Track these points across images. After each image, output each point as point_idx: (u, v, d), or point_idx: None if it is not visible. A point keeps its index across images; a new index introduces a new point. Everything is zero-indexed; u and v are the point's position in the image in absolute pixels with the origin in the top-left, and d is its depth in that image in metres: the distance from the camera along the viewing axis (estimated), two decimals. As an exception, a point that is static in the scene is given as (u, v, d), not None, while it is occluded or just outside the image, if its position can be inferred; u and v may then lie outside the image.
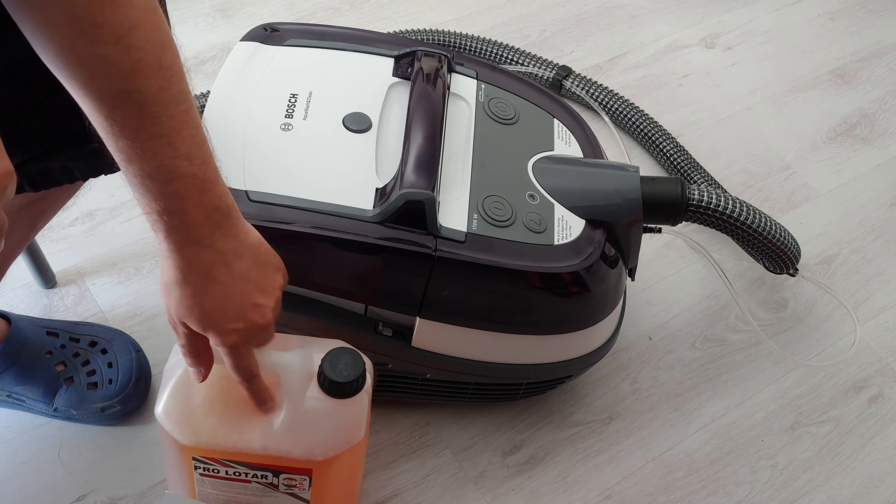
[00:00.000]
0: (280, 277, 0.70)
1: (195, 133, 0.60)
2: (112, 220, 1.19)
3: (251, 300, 0.66)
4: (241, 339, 0.67)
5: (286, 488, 0.79)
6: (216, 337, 0.67)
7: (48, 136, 0.73)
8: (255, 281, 0.67)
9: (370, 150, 0.88)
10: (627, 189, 0.91)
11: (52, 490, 0.94)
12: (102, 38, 0.54)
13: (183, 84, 0.59)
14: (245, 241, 0.66)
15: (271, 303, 0.68)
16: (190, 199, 0.61)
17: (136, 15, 0.55)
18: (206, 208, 0.62)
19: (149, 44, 0.56)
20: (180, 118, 0.59)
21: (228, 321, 0.66)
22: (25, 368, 0.96)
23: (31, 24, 0.54)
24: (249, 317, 0.67)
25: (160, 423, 0.75)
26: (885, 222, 1.34)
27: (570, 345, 0.95)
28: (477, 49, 1.44)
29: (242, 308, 0.66)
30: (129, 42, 0.55)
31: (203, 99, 1.29)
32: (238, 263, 0.65)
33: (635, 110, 1.39)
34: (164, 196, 0.60)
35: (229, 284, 0.65)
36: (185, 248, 0.63)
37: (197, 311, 0.65)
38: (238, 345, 0.67)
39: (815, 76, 1.56)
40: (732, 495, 1.03)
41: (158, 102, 0.57)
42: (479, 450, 1.03)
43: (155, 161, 0.58)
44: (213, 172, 0.62)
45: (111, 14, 0.53)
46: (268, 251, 0.69)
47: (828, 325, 1.20)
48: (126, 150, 0.58)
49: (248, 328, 0.67)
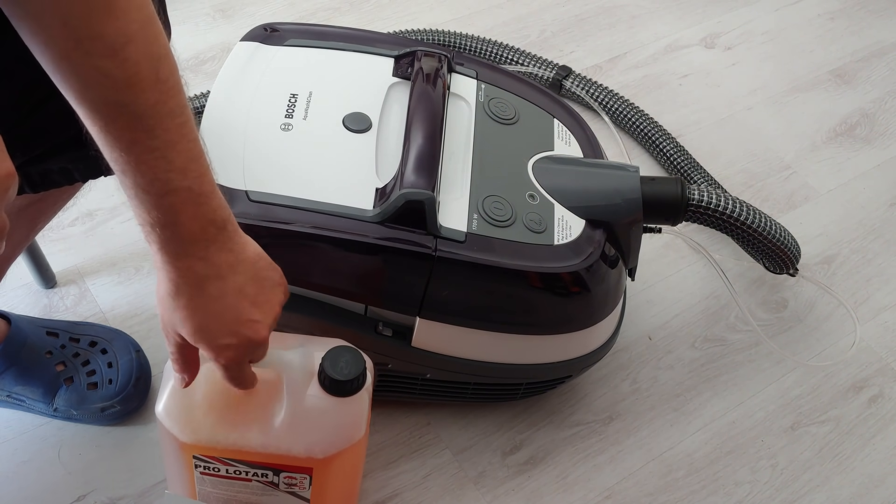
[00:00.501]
0: (280, 293, 0.68)
1: (191, 147, 0.59)
2: (112, 220, 1.19)
3: (245, 315, 0.65)
4: (235, 355, 0.66)
5: (286, 487, 0.79)
6: (209, 352, 0.66)
7: (48, 138, 0.73)
8: (250, 296, 0.65)
9: (370, 150, 0.88)
10: (627, 189, 0.91)
11: (52, 490, 0.94)
12: (98, 51, 0.53)
13: (180, 97, 0.58)
14: (241, 255, 0.65)
15: (268, 319, 0.67)
16: (184, 213, 0.60)
17: (132, 28, 0.54)
18: (201, 222, 0.61)
19: (145, 57, 0.55)
20: (176, 131, 0.58)
21: (221, 336, 0.65)
22: (25, 368, 0.96)
23: (28, 31, 0.53)
24: (243, 332, 0.65)
25: (160, 421, 0.75)
26: (885, 222, 1.34)
27: (570, 345, 0.95)
28: (477, 49, 1.44)
29: (236, 323, 0.65)
30: (126, 55, 0.54)
31: (203, 99, 1.29)
32: (233, 278, 0.64)
33: (635, 110, 1.39)
34: (157, 208, 0.59)
35: (223, 299, 0.64)
36: (178, 260, 0.62)
37: (189, 324, 0.64)
38: (232, 360, 0.66)
39: (815, 76, 1.56)
40: (732, 495, 1.03)
41: (154, 115, 0.56)
42: (479, 450, 1.03)
43: (149, 174, 0.58)
44: (208, 186, 0.61)
45: (107, 26, 0.53)
46: (267, 266, 0.68)
47: (828, 325, 1.20)
48: (121, 162, 0.58)
49: (242, 344, 0.66)
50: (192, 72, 1.41)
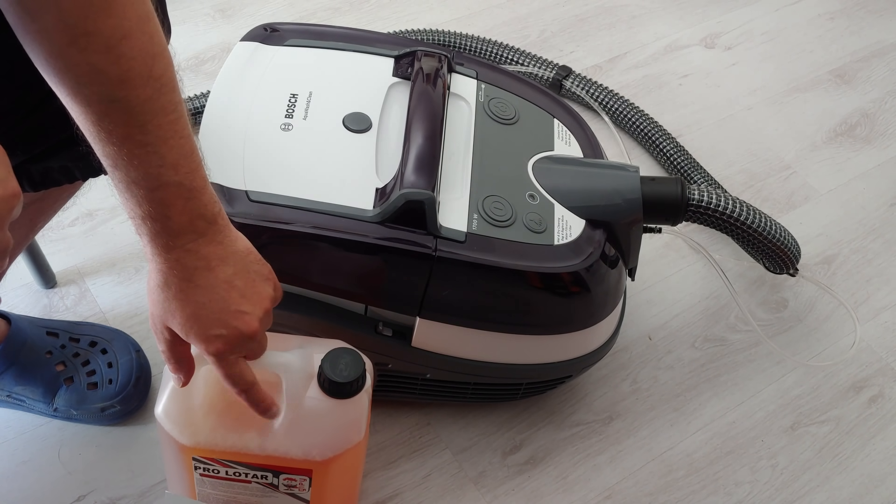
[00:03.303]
0: (270, 288, 0.69)
1: (183, 143, 0.60)
2: (112, 220, 1.19)
3: (234, 306, 0.65)
4: (225, 346, 0.66)
5: (286, 488, 0.79)
6: (199, 343, 0.66)
7: (48, 136, 0.73)
8: (239, 288, 0.66)
9: (370, 150, 0.88)
10: (627, 189, 0.91)
11: (52, 490, 0.94)
12: (93, 47, 0.54)
13: (174, 94, 0.59)
14: (231, 247, 0.65)
15: (258, 311, 0.67)
16: (174, 207, 0.61)
17: (128, 25, 0.55)
18: (190, 215, 0.62)
19: (140, 53, 0.56)
20: (168, 128, 0.59)
21: (210, 326, 0.65)
22: (25, 368, 0.96)
23: (24, 28, 0.54)
24: (232, 324, 0.65)
25: (160, 423, 0.75)
26: (885, 222, 1.34)
27: (570, 345, 0.95)
28: (477, 49, 1.44)
29: (225, 314, 0.65)
30: (120, 51, 0.55)
31: (203, 99, 1.29)
32: (222, 269, 0.65)
33: (635, 110, 1.39)
34: (148, 202, 0.60)
35: (212, 290, 0.64)
36: (168, 252, 0.62)
37: (178, 315, 0.65)
38: (222, 353, 0.66)
39: (815, 76, 1.56)
40: (732, 495, 1.03)
41: (147, 112, 0.57)
42: (479, 450, 1.03)
43: (141, 168, 0.59)
44: (200, 182, 0.62)
45: (103, 23, 0.53)
46: (257, 260, 0.68)
47: (828, 325, 1.20)
48: (113, 157, 0.58)
49: (231, 335, 0.66)
50: (192, 72, 1.41)
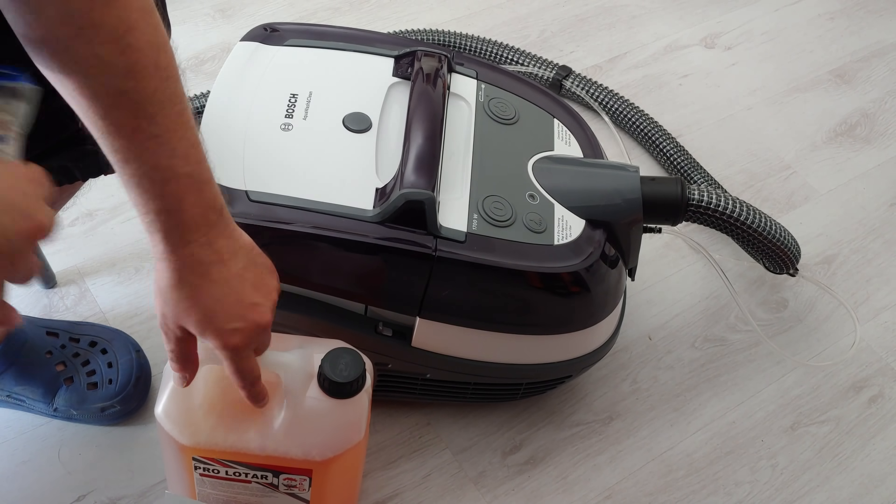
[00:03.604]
0: (274, 280, 0.70)
1: (190, 133, 0.61)
2: (112, 220, 1.19)
3: (249, 299, 0.66)
4: (243, 339, 0.66)
5: (286, 488, 0.79)
6: (217, 339, 0.66)
7: (48, 136, 0.73)
8: (251, 280, 0.67)
9: (370, 150, 0.88)
10: (627, 189, 0.91)
11: (52, 490, 0.94)
12: (100, 38, 0.54)
13: (178, 85, 0.60)
14: (239, 241, 0.67)
15: (268, 302, 0.68)
16: (187, 199, 0.61)
17: (132, 16, 0.55)
18: (203, 207, 0.62)
19: (146, 45, 0.56)
20: (176, 118, 0.59)
21: (229, 320, 0.65)
22: (25, 368, 0.96)
23: (26, 27, 0.54)
24: (249, 316, 0.66)
25: (160, 423, 0.75)
26: (885, 222, 1.34)
27: (570, 345, 0.95)
28: (477, 49, 1.44)
29: (241, 307, 0.66)
30: (127, 42, 0.55)
31: (203, 99, 1.29)
32: (234, 262, 0.65)
33: (635, 110, 1.39)
34: (161, 196, 0.60)
35: (227, 283, 0.65)
36: (182, 248, 0.63)
37: (195, 312, 0.65)
38: (240, 347, 0.67)
39: (815, 76, 1.56)
40: (732, 495, 1.03)
41: (155, 102, 0.58)
42: (479, 450, 1.03)
43: (152, 160, 0.59)
44: (207, 172, 0.63)
45: (108, 15, 0.54)
46: (260, 253, 0.69)
47: (828, 325, 1.20)
48: (123, 151, 0.59)
49: (249, 328, 0.66)
50: (192, 72, 1.41)
